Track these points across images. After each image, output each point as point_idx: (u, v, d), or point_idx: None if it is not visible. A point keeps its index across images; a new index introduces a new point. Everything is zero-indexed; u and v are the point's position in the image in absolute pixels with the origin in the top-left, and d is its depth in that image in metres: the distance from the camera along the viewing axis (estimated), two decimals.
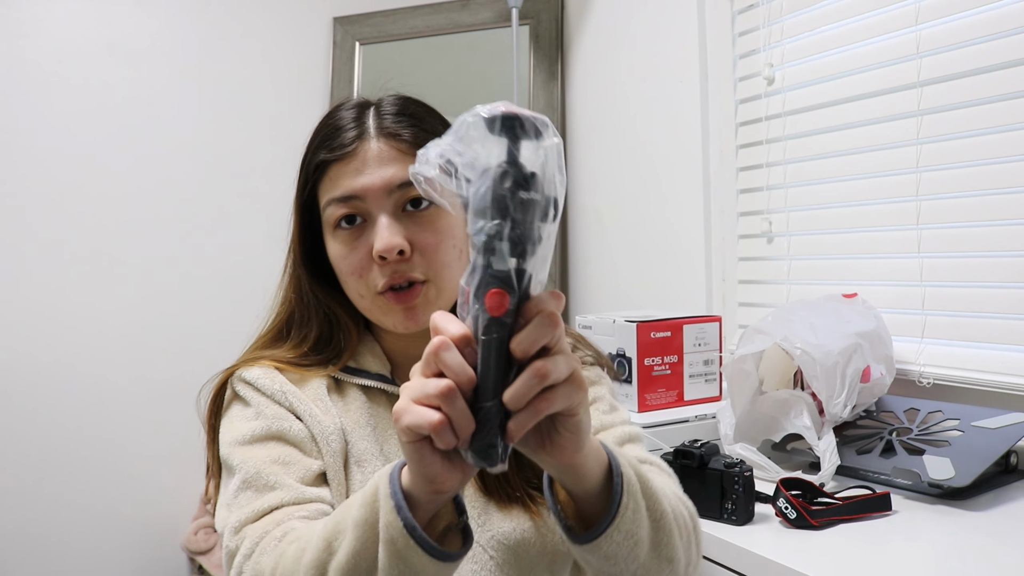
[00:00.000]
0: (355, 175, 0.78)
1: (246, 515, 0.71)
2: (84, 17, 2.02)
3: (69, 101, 1.99)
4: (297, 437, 0.76)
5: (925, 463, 1.02)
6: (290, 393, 0.78)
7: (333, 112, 0.84)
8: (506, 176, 0.51)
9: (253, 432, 0.76)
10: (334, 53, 2.27)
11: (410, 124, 0.81)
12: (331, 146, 0.79)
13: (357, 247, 0.78)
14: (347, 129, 0.80)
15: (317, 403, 0.79)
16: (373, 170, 0.78)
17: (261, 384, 0.79)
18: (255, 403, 0.78)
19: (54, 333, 1.98)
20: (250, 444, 0.76)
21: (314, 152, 0.81)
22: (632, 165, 1.89)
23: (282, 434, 0.76)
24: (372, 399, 0.83)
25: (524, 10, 2.07)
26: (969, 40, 1.21)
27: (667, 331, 1.36)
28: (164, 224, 2.09)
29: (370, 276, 0.78)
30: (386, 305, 0.79)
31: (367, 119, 0.80)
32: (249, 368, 0.81)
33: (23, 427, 1.95)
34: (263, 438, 0.76)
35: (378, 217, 0.77)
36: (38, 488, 1.96)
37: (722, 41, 1.64)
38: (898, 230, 1.34)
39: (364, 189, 0.77)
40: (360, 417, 0.81)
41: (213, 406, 0.83)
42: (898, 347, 1.25)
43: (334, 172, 0.79)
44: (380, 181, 0.77)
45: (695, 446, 1.01)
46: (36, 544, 1.95)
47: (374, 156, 0.78)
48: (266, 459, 0.74)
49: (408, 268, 0.77)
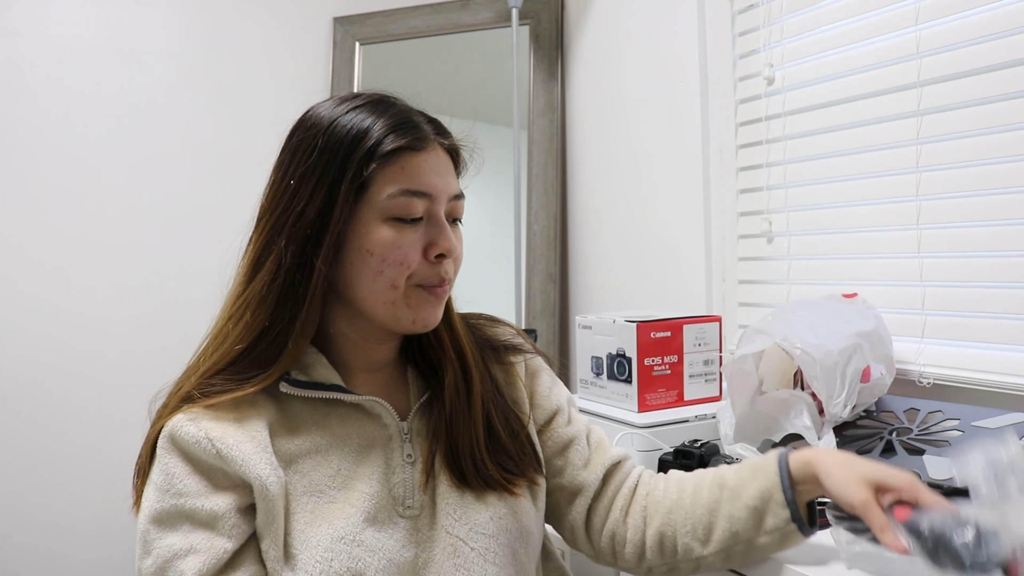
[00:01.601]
0: (430, 173, 0.79)
1: None
2: (84, 17, 2.02)
3: (69, 101, 2.00)
4: (208, 516, 0.73)
5: (925, 463, 1.02)
6: (217, 440, 0.74)
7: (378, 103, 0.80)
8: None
9: (162, 507, 0.74)
10: (334, 53, 2.27)
11: (452, 136, 0.84)
12: (406, 137, 0.77)
13: (412, 240, 0.79)
14: (420, 125, 0.80)
15: (254, 441, 0.75)
16: (443, 174, 0.80)
17: (187, 443, 0.74)
18: (175, 472, 0.75)
19: (54, 333, 1.98)
20: (160, 523, 0.74)
21: (384, 137, 0.76)
22: (632, 165, 1.89)
23: (193, 514, 0.73)
24: (320, 416, 0.81)
25: (524, 10, 2.07)
26: (969, 40, 1.21)
27: (667, 331, 1.36)
28: (163, 223, 2.09)
29: (416, 269, 0.79)
30: (420, 296, 0.81)
31: (419, 119, 0.81)
32: (179, 421, 0.76)
33: (22, 428, 1.95)
34: (173, 516, 0.73)
35: (441, 218, 0.80)
36: (37, 490, 1.96)
37: (722, 41, 1.64)
38: (898, 230, 1.34)
39: (438, 190, 0.79)
40: (313, 442, 0.79)
41: (141, 467, 0.80)
42: (898, 347, 1.25)
43: (407, 162, 0.78)
44: (448, 187, 0.81)
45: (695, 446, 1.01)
46: (35, 546, 1.95)
47: (443, 161, 0.81)
48: (176, 550, 0.72)
49: (450, 271, 0.82)
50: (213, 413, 0.76)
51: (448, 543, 0.79)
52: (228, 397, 0.76)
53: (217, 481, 0.74)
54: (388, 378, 0.88)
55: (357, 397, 0.82)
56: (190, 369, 0.83)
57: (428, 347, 0.88)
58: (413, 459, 0.83)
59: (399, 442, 0.83)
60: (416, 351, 0.90)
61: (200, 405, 0.76)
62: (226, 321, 0.82)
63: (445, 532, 0.80)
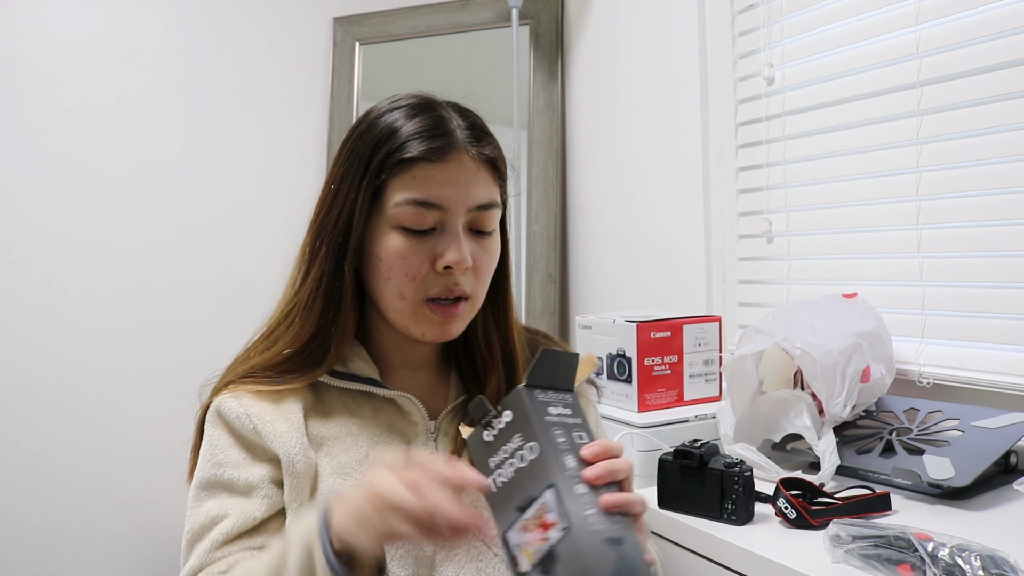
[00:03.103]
0: (445, 184, 0.77)
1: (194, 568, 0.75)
2: (84, 17, 2.01)
3: (69, 101, 1.99)
4: (244, 486, 0.78)
5: (925, 463, 1.02)
6: (255, 416, 0.79)
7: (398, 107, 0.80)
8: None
9: (204, 477, 0.79)
10: (334, 53, 2.27)
11: (490, 143, 0.81)
12: (425, 146, 0.77)
13: (421, 251, 0.78)
14: (441, 133, 0.78)
15: (288, 421, 0.79)
16: (465, 185, 0.77)
17: (226, 409, 0.80)
18: (218, 443, 0.80)
19: (54, 333, 1.98)
20: (203, 490, 0.79)
21: (403, 145, 0.77)
22: (632, 165, 1.89)
23: (230, 484, 0.78)
24: (355, 406, 0.83)
25: (524, 10, 2.07)
26: (969, 40, 1.21)
27: (667, 331, 1.36)
28: (164, 224, 2.09)
29: (424, 281, 0.78)
30: (426, 314, 0.79)
31: (454, 128, 0.79)
32: (224, 398, 0.81)
33: (23, 427, 1.94)
34: (213, 485, 0.79)
35: (454, 229, 0.77)
36: (38, 487, 1.95)
37: (722, 41, 1.64)
38: (898, 230, 1.34)
39: (451, 200, 0.77)
40: (345, 428, 0.82)
41: (198, 431, 0.85)
42: (898, 347, 1.25)
43: (421, 172, 0.77)
44: (467, 198, 0.78)
45: (695, 446, 1.01)
46: (37, 544, 1.95)
47: (466, 171, 0.78)
48: (213, 515, 0.77)
49: (464, 283, 0.79)
50: (255, 394, 0.81)
51: (473, 545, 0.79)
52: (273, 388, 0.81)
53: (255, 454, 0.79)
54: (429, 377, 0.89)
55: (389, 392, 0.83)
56: (239, 360, 0.86)
57: (476, 352, 0.87)
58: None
59: (424, 440, 0.84)
60: (463, 354, 0.88)
61: (245, 387, 0.81)
62: (279, 323, 0.84)
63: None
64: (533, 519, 0.57)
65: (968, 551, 0.73)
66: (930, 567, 0.73)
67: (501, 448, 0.62)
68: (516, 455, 0.61)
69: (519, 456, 0.60)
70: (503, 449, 0.62)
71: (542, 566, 0.56)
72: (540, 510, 0.57)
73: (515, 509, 0.59)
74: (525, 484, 0.59)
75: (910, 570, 0.75)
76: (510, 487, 0.60)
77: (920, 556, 0.75)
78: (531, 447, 0.60)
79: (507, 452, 0.61)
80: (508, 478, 0.61)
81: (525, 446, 0.60)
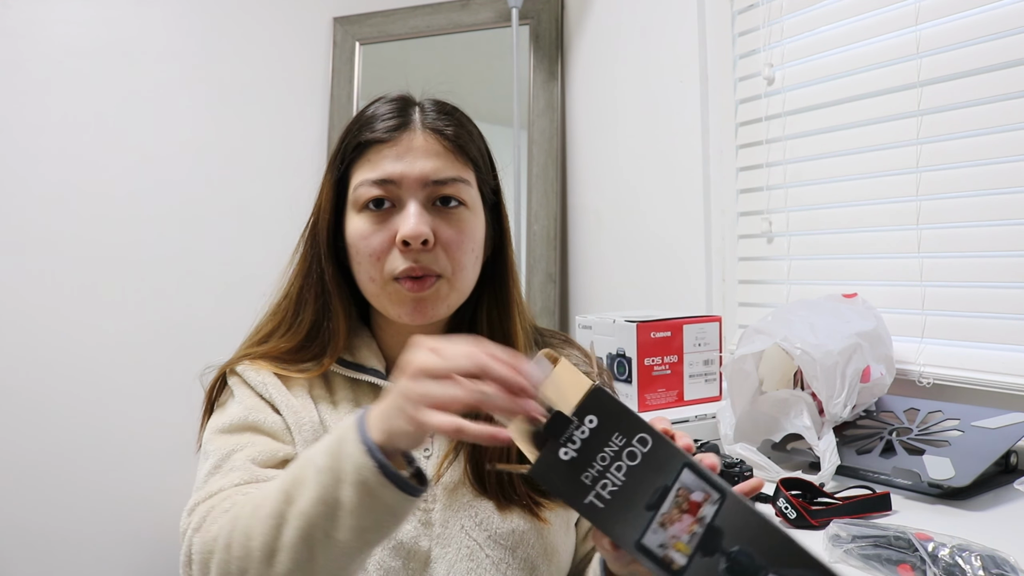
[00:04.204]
0: (395, 160, 0.79)
1: (202, 495, 0.73)
2: (84, 17, 2.02)
3: (69, 101, 1.99)
4: (271, 428, 0.79)
5: (925, 463, 1.02)
6: (271, 385, 0.81)
7: (375, 101, 0.85)
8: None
9: (231, 420, 0.79)
10: (334, 53, 2.27)
11: (454, 124, 0.83)
12: (375, 128, 0.80)
13: (381, 230, 0.79)
14: (393, 116, 0.81)
15: (299, 398, 0.81)
16: (414, 159, 0.79)
17: (247, 376, 0.83)
18: (238, 395, 0.82)
19: (54, 331, 1.98)
20: (226, 432, 0.79)
21: (357, 132, 0.82)
22: (632, 165, 1.89)
23: (256, 425, 0.79)
24: (361, 396, 0.84)
25: (524, 10, 2.07)
26: (969, 40, 1.21)
27: (667, 331, 1.36)
28: (164, 223, 2.09)
29: (388, 261, 0.79)
30: (398, 292, 0.80)
31: (413, 112, 0.82)
32: (244, 367, 0.84)
33: (22, 426, 1.94)
34: (239, 427, 0.79)
35: (408, 204, 0.78)
36: (38, 486, 1.95)
37: (722, 41, 1.64)
38: (898, 230, 1.34)
39: (402, 175, 0.79)
40: (347, 414, 0.82)
41: (208, 400, 0.86)
42: (898, 347, 1.25)
43: (374, 154, 0.80)
44: (419, 171, 0.79)
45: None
46: (36, 543, 1.95)
47: (418, 146, 0.80)
48: (236, 446, 0.77)
49: (429, 260, 0.79)
50: (274, 374, 0.83)
51: (466, 544, 0.79)
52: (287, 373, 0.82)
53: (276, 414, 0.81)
54: None
55: (388, 384, 0.83)
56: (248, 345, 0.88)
57: None
58: (430, 453, 0.83)
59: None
60: None
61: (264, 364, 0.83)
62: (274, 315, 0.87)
63: (465, 534, 0.79)
64: (673, 509, 0.54)
65: (968, 551, 0.73)
66: (930, 567, 0.73)
67: (596, 458, 0.56)
68: (622, 456, 0.56)
69: (627, 455, 0.56)
70: (600, 457, 0.56)
71: (703, 548, 0.53)
72: (680, 495, 0.54)
73: (644, 509, 0.55)
74: (648, 479, 0.55)
75: (910, 570, 0.75)
76: (626, 492, 0.55)
77: (920, 556, 0.75)
78: (640, 439, 0.56)
79: (607, 458, 0.56)
80: (620, 483, 0.56)
81: (632, 442, 0.56)
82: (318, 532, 0.60)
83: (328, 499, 0.59)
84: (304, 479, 0.61)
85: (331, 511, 0.59)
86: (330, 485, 0.59)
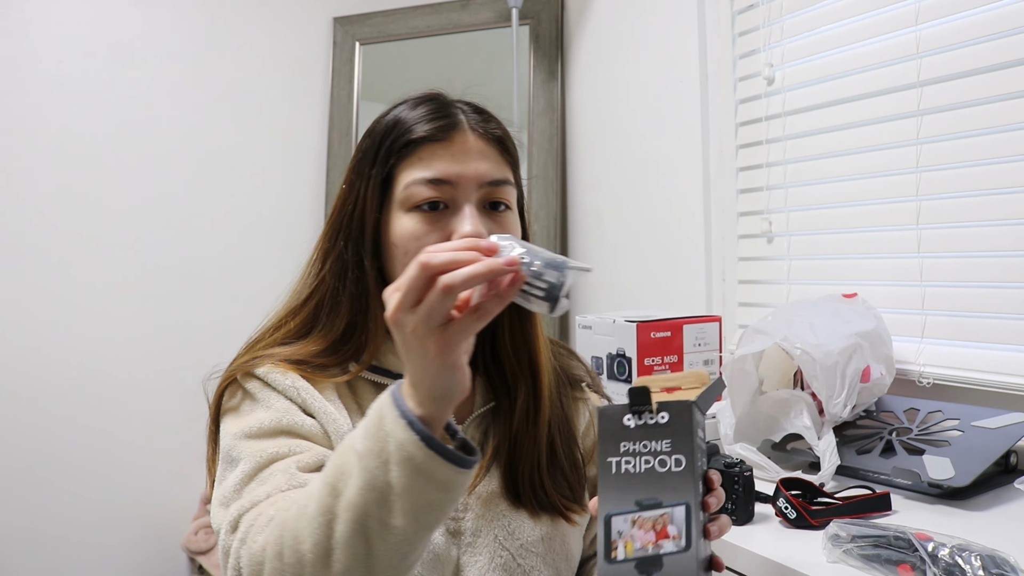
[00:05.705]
0: (452, 161, 0.77)
1: (244, 507, 0.68)
2: (84, 17, 2.02)
3: (69, 101, 1.99)
4: (309, 432, 0.75)
5: (925, 463, 1.02)
6: (303, 389, 0.76)
7: (407, 100, 0.82)
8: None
9: (261, 425, 0.74)
10: (334, 53, 2.27)
11: (500, 128, 0.82)
12: (423, 127, 0.78)
13: (435, 231, 0.76)
14: (439, 116, 0.79)
15: (332, 402, 0.77)
16: (470, 161, 0.78)
17: (272, 379, 0.77)
18: (263, 398, 0.77)
19: (54, 332, 1.98)
20: (257, 438, 0.74)
21: (407, 129, 0.78)
22: (632, 165, 1.89)
23: (292, 428, 0.74)
24: None
25: (524, 10, 2.07)
26: (969, 40, 1.21)
27: (667, 331, 1.36)
28: (164, 223, 2.09)
29: None
30: None
31: (457, 112, 0.80)
32: (267, 369, 0.78)
33: (23, 426, 1.94)
34: (272, 432, 0.74)
35: (464, 206, 0.77)
36: (38, 487, 1.96)
37: (722, 41, 1.64)
38: (898, 230, 1.34)
39: (459, 176, 0.77)
40: None
41: (218, 401, 0.81)
42: (898, 347, 1.25)
43: (427, 153, 0.77)
44: (475, 173, 0.77)
45: None
46: (36, 543, 1.95)
47: (473, 148, 0.78)
48: (274, 453, 0.72)
49: None
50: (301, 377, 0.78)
51: (498, 553, 0.79)
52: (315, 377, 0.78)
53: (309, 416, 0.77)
54: None
55: None
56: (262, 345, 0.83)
57: (504, 358, 0.85)
58: None
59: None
60: (490, 359, 0.86)
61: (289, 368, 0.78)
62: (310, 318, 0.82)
63: (498, 543, 0.79)
64: (651, 521, 0.61)
65: (968, 551, 0.73)
66: (930, 567, 0.73)
67: (642, 441, 0.63)
68: (657, 458, 0.63)
69: (660, 460, 0.63)
70: (643, 443, 0.63)
71: (641, 566, 0.59)
72: (663, 519, 0.61)
73: (634, 502, 0.61)
74: (656, 488, 0.62)
75: (910, 570, 0.75)
76: (636, 480, 0.62)
77: (920, 556, 0.75)
78: (677, 460, 0.62)
79: (647, 448, 0.63)
80: (638, 470, 0.63)
81: (672, 456, 0.63)
82: (372, 522, 0.57)
83: (376, 484, 0.56)
84: (347, 468, 0.58)
85: (382, 496, 0.56)
86: (376, 468, 0.56)
